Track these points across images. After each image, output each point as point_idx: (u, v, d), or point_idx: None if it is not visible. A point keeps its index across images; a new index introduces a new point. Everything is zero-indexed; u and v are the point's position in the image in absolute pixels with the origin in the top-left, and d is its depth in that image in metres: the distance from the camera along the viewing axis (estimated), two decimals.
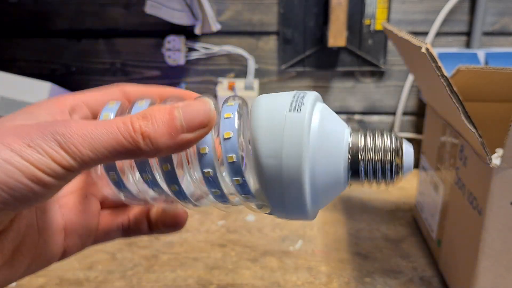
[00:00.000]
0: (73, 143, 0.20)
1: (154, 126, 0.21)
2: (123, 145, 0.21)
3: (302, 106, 0.23)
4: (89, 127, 0.20)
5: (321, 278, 0.50)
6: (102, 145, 0.20)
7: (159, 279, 0.50)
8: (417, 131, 0.83)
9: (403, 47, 0.54)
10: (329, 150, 0.23)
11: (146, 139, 0.21)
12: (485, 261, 0.40)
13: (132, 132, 0.21)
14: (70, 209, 0.27)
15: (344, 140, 0.24)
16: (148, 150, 0.21)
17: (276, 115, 0.23)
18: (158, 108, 0.22)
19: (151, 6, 0.74)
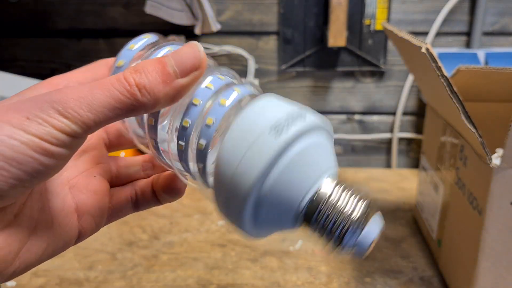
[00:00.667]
0: (72, 107, 0.20)
1: (148, 77, 0.21)
2: (122, 101, 0.20)
3: (282, 133, 0.21)
4: (85, 90, 0.20)
5: (321, 278, 0.50)
6: (101, 105, 0.20)
7: (159, 279, 0.50)
8: (417, 131, 0.83)
9: (403, 47, 0.54)
10: (287, 188, 0.21)
11: (142, 90, 0.21)
12: (485, 261, 0.40)
13: (128, 86, 0.21)
14: (80, 190, 0.27)
15: (312, 184, 0.22)
16: (147, 101, 0.21)
17: (254, 127, 0.21)
18: (149, 60, 0.22)
19: (151, 6, 0.74)
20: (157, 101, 0.21)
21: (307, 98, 0.83)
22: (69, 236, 0.26)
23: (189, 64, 0.22)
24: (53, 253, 0.25)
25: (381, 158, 0.86)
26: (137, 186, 0.30)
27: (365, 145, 0.85)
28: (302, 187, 0.21)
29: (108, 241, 0.58)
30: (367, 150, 0.86)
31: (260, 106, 0.22)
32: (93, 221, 0.27)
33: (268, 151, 0.20)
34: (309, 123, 0.22)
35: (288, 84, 0.82)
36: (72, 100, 0.20)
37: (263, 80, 0.82)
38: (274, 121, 0.21)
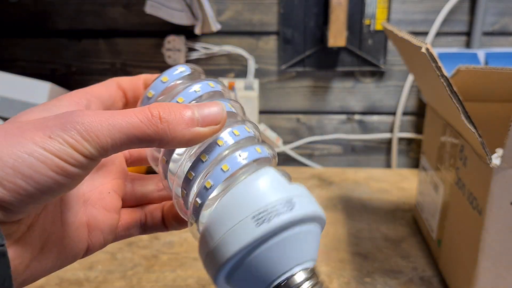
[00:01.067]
0: (93, 131, 0.21)
1: (172, 115, 0.22)
2: (141, 129, 0.21)
3: (263, 224, 0.21)
4: (107, 115, 0.21)
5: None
6: (120, 131, 0.21)
7: (159, 279, 0.50)
8: (417, 131, 0.83)
9: (403, 47, 0.55)
10: (259, 271, 0.22)
11: (164, 123, 0.22)
12: (485, 261, 0.40)
13: (150, 117, 0.22)
14: (93, 205, 0.27)
15: (283, 272, 0.22)
16: (165, 135, 0.22)
17: (240, 210, 0.22)
18: (177, 104, 0.23)
19: (151, 6, 0.74)
20: (174, 138, 0.22)
21: (307, 98, 0.83)
22: (78, 250, 0.26)
23: (212, 117, 0.23)
24: (61, 265, 0.26)
25: (381, 158, 0.86)
26: (148, 210, 0.31)
27: (365, 145, 0.85)
28: (272, 274, 0.22)
29: None
30: (367, 150, 0.86)
31: (254, 187, 0.23)
32: (102, 237, 0.28)
33: (246, 238, 0.21)
34: (295, 216, 0.22)
35: (288, 84, 0.82)
36: (94, 123, 0.21)
37: (263, 80, 0.82)
38: (259, 208, 0.22)
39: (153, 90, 0.27)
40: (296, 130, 0.85)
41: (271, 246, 0.22)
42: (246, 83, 0.80)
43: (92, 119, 0.21)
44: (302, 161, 0.86)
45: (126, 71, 0.84)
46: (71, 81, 0.84)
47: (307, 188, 0.25)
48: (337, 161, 0.87)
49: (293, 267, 0.22)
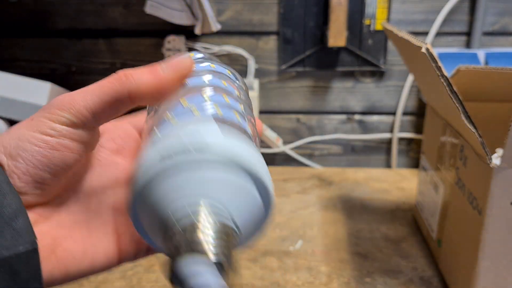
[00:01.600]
0: (68, 101, 0.23)
1: (136, 69, 0.24)
2: (109, 87, 0.23)
3: (165, 160, 0.20)
4: (82, 89, 0.23)
5: (321, 278, 0.50)
6: (93, 93, 0.23)
7: (159, 279, 0.50)
8: (417, 131, 0.83)
9: (403, 47, 0.55)
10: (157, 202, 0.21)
11: (128, 76, 0.23)
12: (485, 261, 0.40)
13: (117, 76, 0.23)
14: (122, 212, 0.27)
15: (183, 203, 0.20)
16: (131, 86, 0.23)
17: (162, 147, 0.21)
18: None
19: (151, 6, 0.74)
20: (139, 87, 0.23)
21: (307, 98, 0.83)
22: (108, 252, 0.26)
23: (175, 63, 0.25)
24: (93, 264, 0.25)
25: (381, 158, 0.86)
26: None
27: (365, 145, 0.85)
28: (171, 202, 0.20)
29: None
30: (367, 150, 0.86)
31: (183, 131, 0.22)
32: (132, 246, 0.27)
33: (147, 171, 0.21)
34: (196, 157, 0.20)
35: (288, 84, 0.82)
36: (68, 97, 0.23)
37: (263, 80, 0.82)
38: (170, 148, 0.21)
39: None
40: (296, 130, 0.85)
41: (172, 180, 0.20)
42: (246, 83, 0.80)
43: (68, 96, 0.23)
44: (302, 161, 0.86)
45: None
46: (71, 81, 0.84)
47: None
48: (337, 161, 0.87)
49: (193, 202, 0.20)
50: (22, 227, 0.21)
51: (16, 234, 0.21)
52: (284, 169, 0.83)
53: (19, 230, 0.21)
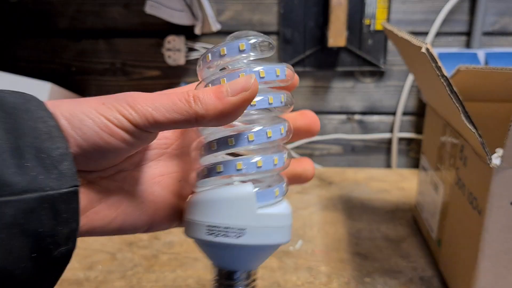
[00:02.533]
0: (140, 103, 0.25)
1: (203, 92, 0.25)
2: (178, 106, 0.25)
3: (210, 236, 0.28)
4: (154, 95, 0.25)
5: (321, 278, 0.50)
6: (162, 106, 0.25)
7: (159, 279, 0.50)
8: (417, 131, 0.83)
9: (403, 47, 0.54)
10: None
11: (196, 100, 0.25)
12: (485, 261, 0.40)
13: (186, 96, 0.25)
14: (162, 187, 0.30)
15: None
16: (199, 110, 0.25)
17: (206, 212, 0.28)
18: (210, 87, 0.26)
19: (151, 6, 0.74)
20: (207, 111, 0.25)
21: (307, 98, 0.83)
22: (139, 221, 0.29)
23: (240, 86, 0.25)
24: (120, 229, 0.28)
25: (381, 158, 0.86)
26: None
27: (365, 145, 0.85)
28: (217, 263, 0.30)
29: (108, 241, 0.58)
30: (367, 150, 0.86)
31: (226, 200, 0.27)
32: (166, 218, 0.31)
33: (198, 235, 0.29)
34: (235, 242, 0.27)
35: None
36: (142, 99, 0.25)
37: None
38: (215, 223, 0.27)
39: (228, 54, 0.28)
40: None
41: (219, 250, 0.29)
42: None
43: (140, 96, 0.25)
44: None
45: (126, 71, 0.84)
46: (71, 81, 0.84)
47: (288, 212, 0.29)
48: (337, 161, 0.87)
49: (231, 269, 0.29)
50: (67, 171, 0.23)
51: (61, 175, 0.23)
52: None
53: (65, 172, 0.23)
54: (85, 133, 0.24)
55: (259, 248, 0.28)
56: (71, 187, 0.23)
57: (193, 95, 0.25)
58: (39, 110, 0.23)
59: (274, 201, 0.28)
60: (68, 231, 0.23)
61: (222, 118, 0.25)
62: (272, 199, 0.28)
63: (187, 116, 0.25)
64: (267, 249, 0.29)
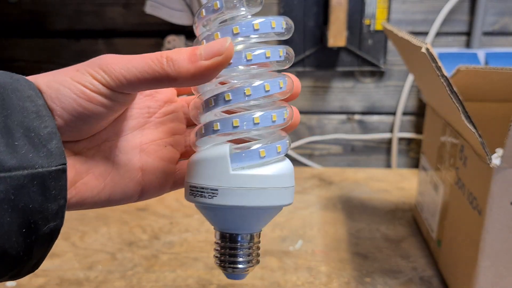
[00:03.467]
0: (111, 65, 0.25)
1: (177, 54, 0.25)
2: (150, 66, 0.25)
3: (190, 196, 0.28)
4: (127, 57, 0.25)
5: (321, 278, 0.50)
6: (134, 66, 0.25)
7: (159, 279, 0.50)
8: (417, 131, 0.83)
9: (403, 47, 0.54)
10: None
11: (169, 61, 0.25)
12: (485, 261, 0.40)
13: (159, 56, 0.25)
14: (148, 154, 0.31)
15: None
16: (170, 71, 0.25)
17: (194, 174, 0.28)
18: (185, 47, 0.26)
19: (151, 6, 0.74)
20: (179, 73, 0.25)
21: (307, 98, 0.83)
22: (129, 189, 0.30)
23: (215, 49, 0.25)
24: (110, 199, 0.29)
25: (381, 158, 0.86)
26: None
27: (365, 145, 0.85)
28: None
29: (108, 241, 0.58)
30: (367, 150, 0.86)
31: (209, 161, 0.27)
32: (157, 182, 0.31)
33: (186, 193, 0.29)
34: (208, 202, 0.27)
35: None
36: (113, 61, 0.25)
37: None
38: (196, 183, 0.28)
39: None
40: (296, 130, 0.85)
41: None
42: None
43: (113, 59, 0.25)
44: (302, 161, 0.86)
45: None
46: None
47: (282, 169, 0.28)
48: (337, 161, 0.87)
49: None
50: (55, 149, 0.24)
51: (50, 154, 0.23)
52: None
53: (53, 151, 0.24)
54: (63, 103, 0.24)
55: (237, 209, 0.27)
56: (59, 165, 0.24)
57: (166, 56, 0.25)
58: (27, 90, 0.24)
59: (260, 161, 0.27)
60: (56, 208, 0.24)
61: (194, 80, 0.25)
62: (257, 159, 0.27)
63: (158, 77, 0.25)
64: (253, 211, 0.28)
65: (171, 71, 0.25)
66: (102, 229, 0.61)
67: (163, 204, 0.68)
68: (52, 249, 0.26)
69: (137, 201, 0.31)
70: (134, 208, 0.67)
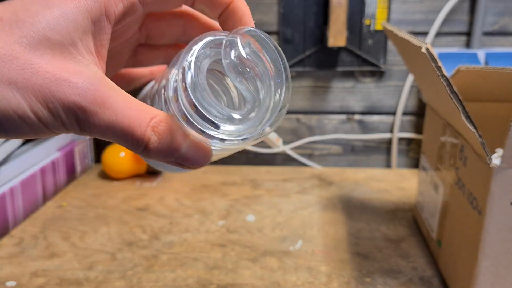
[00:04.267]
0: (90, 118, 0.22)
1: (160, 143, 0.23)
2: (133, 135, 0.23)
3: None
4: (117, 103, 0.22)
5: (321, 278, 0.50)
6: (118, 125, 0.22)
7: (159, 279, 0.50)
8: (417, 131, 0.83)
9: (403, 47, 0.54)
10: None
11: (148, 147, 0.23)
12: (485, 261, 0.40)
13: (144, 135, 0.23)
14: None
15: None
16: (143, 152, 0.23)
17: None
18: (175, 134, 0.24)
19: None
20: (150, 155, 0.23)
21: (307, 98, 0.83)
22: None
23: (193, 159, 0.24)
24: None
25: (381, 158, 0.86)
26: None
27: (365, 145, 0.85)
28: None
29: (108, 241, 0.58)
30: (367, 150, 0.86)
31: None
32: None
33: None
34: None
35: None
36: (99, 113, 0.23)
37: None
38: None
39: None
40: (296, 130, 0.85)
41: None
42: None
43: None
44: (302, 161, 0.86)
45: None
46: None
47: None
48: (337, 161, 0.87)
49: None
50: None
51: None
52: (284, 169, 0.83)
53: None
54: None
55: None
56: None
57: (149, 140, 0.23)
58: None
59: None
60: None
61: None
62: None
63: (132, 146, 0.23)
64: None
65: (143, 152, 0.23)
66: (102, 229, 0.61)
67: (163, 204, 0.68)
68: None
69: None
70: (134, 208, 0.67)
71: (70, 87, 0.21)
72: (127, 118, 0.22)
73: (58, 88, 0.21)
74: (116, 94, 0.22)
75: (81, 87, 0.21)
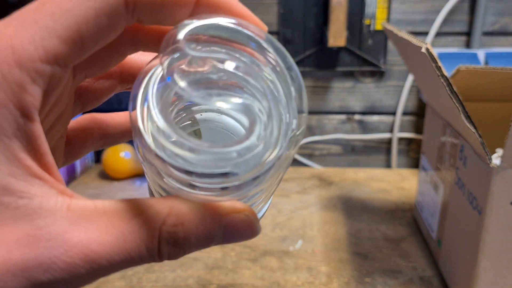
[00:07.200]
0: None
1: (181, 250, 0.18)
2: (135, 255, 0.17)
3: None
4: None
5: (321, 278, 0.50)
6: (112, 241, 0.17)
7: (159, 279, 0.50)
8: (417, 131, 0.83)
9: (403, 47, 0.54)
10: None
11: (164, 259, 0.18)
12: (485, 261, 0.40)
13: (154, 253, 0.17)
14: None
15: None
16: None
17: None
18: (200, 227, 0.18)
19: None
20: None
21: (307, 98, 0.83)
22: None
23: (239, 236, 0.19)
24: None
25: (381, 158, 0.86)
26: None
27: (365, 145, 0.85)
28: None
29: None
30: (367, 150, 0.86)
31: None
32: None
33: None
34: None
35: None
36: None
37: None
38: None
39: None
40: None
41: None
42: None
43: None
44: (302, 161, 0.86)
45: None
46: None
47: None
48: (337, 161, 0.87)
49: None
50: None
51: None
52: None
53: None
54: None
55: None
56: None
57: (163, 254, 0.17)
58: None
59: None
60: None
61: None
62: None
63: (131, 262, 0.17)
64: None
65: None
66: None
67: None
68: None
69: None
70: None
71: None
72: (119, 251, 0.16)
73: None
74: (82, 227, 0.16)
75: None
